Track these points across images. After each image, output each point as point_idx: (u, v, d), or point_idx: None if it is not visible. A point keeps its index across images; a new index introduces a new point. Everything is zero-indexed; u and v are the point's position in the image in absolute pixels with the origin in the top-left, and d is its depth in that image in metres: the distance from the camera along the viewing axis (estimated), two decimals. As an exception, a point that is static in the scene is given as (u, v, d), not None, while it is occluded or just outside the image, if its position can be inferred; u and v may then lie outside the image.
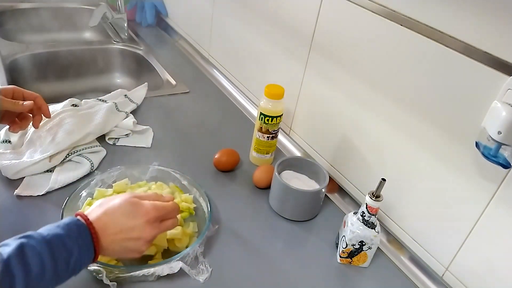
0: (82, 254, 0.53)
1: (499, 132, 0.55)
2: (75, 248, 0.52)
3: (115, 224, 0.57)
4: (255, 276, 0.69)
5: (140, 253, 0.60)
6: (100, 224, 0.56)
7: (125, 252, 0.59)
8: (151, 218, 0.59)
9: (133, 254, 0.60)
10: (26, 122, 0.79)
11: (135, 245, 0.58)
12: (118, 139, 0.95)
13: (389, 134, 0.76)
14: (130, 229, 0.57)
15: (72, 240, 0.52)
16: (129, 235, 0.57)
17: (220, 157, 0.90)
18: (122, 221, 0.57)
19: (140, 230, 0.58)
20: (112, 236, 0.56)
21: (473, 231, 0.65)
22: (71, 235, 0.52)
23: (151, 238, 0.60)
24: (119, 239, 0.57)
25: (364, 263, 0.74)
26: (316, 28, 0.88)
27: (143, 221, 0.59)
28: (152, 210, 0.60)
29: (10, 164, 0.77)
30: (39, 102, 0.79)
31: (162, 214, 0.61)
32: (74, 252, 0.52)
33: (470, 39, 0.60)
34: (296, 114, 1.01)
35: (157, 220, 0.61)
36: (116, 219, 0.57)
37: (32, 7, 1.53)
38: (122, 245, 0.57)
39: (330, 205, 0.88)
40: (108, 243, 0.56)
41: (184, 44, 1.51)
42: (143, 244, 0.59)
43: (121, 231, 0.57)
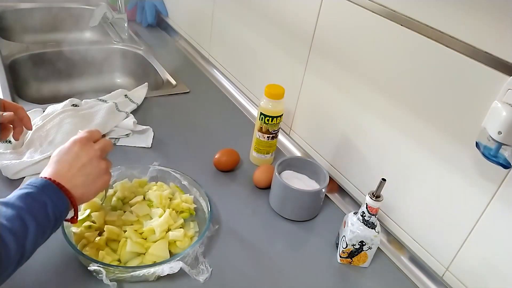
0: (55, 201, 0.55)
1: (500, 132, 0.55)
2: (46, 198, 0.54)
3: (62, 166, 0.59)
4: (255, 276, 0.69)
5: (105, 172, 0.63)
6: (53, 173, 0.58)
7: (92, 179, 0.61)
8: (83, 141, 0.62)
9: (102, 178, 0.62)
10: (6, 133, 0.77)
11: (92, 168, 0.61)
12: (118, 139, 0.95)
13: (390, 134, 0.76)
14: (75, 159, 0.60)
15: (40, 193, 0.54)
16: (79, 163, 0.60)
17: (220, 157, 0.90)
18: (64, 159, 0.60)
19: (83, 153, 0.61)
20: (68, 174, 0.58)
21: (473, 231, 0.65)
22: (37, 190, 0.54)
23: (99, 153, 0.63)
24: (75, 171, 0.59)
25: (364, 263, 0.74)
26: (317, 28, 0.88)
27: (78, 146, 0.61)
28: (78, 137, 0.63)
29: (10, 164, 0.77)
30: (20, 114, 0.77)
31: (88, 135, 0.64)
32: (47, 201, 0.54)
33: (470, 39, 0.60)
34: (296, 114, 1.01)
35: (88, 141, 0.63)
36: (59, 163, 0.59)
37: (32, 7, 1.53)
38: (83, 174, 0.60)
39: (330, 205, 0.88)
40: (71, 181, 0.58)
41: (184, 44, 1.51)
42: (97, 163, 0.62)
43: (70, 166, 0.59)
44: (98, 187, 0.63)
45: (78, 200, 0.59)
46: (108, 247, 0.67)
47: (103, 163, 0.63)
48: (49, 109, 0.96)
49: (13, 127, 0.77)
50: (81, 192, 0.59)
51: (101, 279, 0.61)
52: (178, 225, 0.71)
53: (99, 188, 0.63)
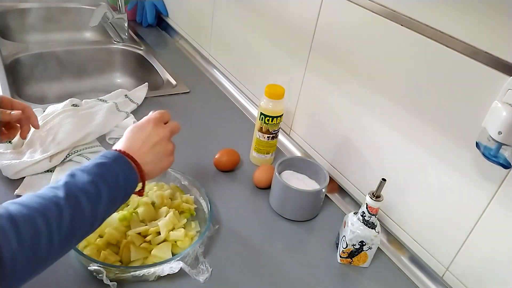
0: (127, 173, 0.58)
1: (500, 132, 0.55)
2: (118, 169, 0.57)
3: (135, 142, 0.63)
4: (255, 276, 0.69)
5: (171, 152, 0.67)
6: (126, 147, 0.61)
7: (159, 158, 0.65)
8: (156, 121, 0.66)
9: (167, 158, 0.66)
10: (13, 132, 0.77)
11: (162, 148, 0.65)
12: (118, 139, 0.94)
13: (390, 134, 0.76)
14: (148, 137, 0.64)
15: (113, 164, 0.57)
16: (151, 141, 0.64)
17: (220, 157, 0.90)
18: (138, 137, 0.64)
19: (155, 133, 0.65)
20: (140, 150, 0.62)
21: (473, 231, 0.65)
22: (110, 161, 0.57)
23: (168, 135, 0.67)
24: (147, 149, 0.63)
25: (364, 263, 0.74)
26: (317, 28, 0.88)
27: (151, 126, 0.65)
28: (151, 118, 0.67)
29: (10, 164, 0.77)
30: (28, 113, 0.77)
31: (159, 116, 0.68)
32: (119, 172, 0.57)
33: (470, 39, 0.60)
34: (296, 114, 1.01)
35: (160, 121, 0.67)
36: (133, 139, 0.63)
37: (32, 7, 1.53)
38: (153, 152, 0.63)
39: (330, 205, 0.88)
40: (141, 157, 0.61)
41: (185, 44, 1.51)
42: (166, 142, 0.66)
43: (143, 143, 0.63)
44: (164, 166, 0.67)
45: (146, 176, 0.62)
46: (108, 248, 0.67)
47: (170, 144, 0.67)
48: (49, 109, 0.96)
49: (20, 125, 0.77)
50: (150, 168, 0.63)
51: (101, 279, 0.61)
52: (181, 224, 0.71)
53: (165, 168, 0.67)
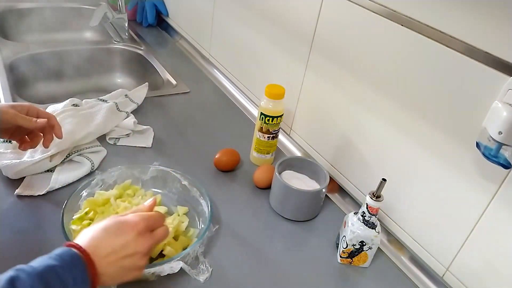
0: (78, 282, 0.49)
1: (500, 132, 0.55)
2: (70, 279, 0.48)
3: (105, 246, 0.53)
4: (255, 276, 0.69)
5: (140, 269, 0.57)
6: (91, 249, 0.52)
7: (124, 272, 0.55)
8: (141, 229, 0.57)
9: (133, 273, 0.57)
10: (36, 141, 0.77)
11: (132, 262, 0.55)
12: (118, 139, 0.95)
13: (390, 134, 0.76)
14: (122, 247, 0.54)
15: (66, 270, 0.49)
16: (123, 253, 0.54)
17: (220, 157, 0.90)
18: (112, 241, 0.54)
19: (133, 244, 0.55)
20: (106, 259, 0.53)
21: (473, 231, 0.65)
22: (64, 265, 0.49)
23: (146, 250, 0.57)
24: (114, 259, 0.53)
25: (364, 263, 0.74)
26: (317, 28, 0.88)
27: (134, 235, 0.55)
28: (140, 221, 0.57)
29: (10, 163, 0.77)
30: (52, 122, 0.77)
31: (150, 223, 0.58)
32: (69, 283, 0.48)
33: (471, 40, 0.60)
34: (296, 114, 1.01)
35: (147, 230, 0.58)
36: (106, 241, 0.54)
37: (33, 7, 1.53)
38: (119, 266, 0.54)
39: (331, 205, 0.88)
40: (104, 267, 0.52)
41: (185, 44, 1.51)
42: (140, 258, 0.56)
43: (113, 251, 0.53)
44: (124, 279, 0.57)
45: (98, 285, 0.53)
46: None
47: (143, 260, 0.57)
48: (50, 109, 0.96)
49: (43, 134, 0.77)
50: (106, 280, 0.54)
51: (102, 279, 0.61)
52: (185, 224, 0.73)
53: (124, 280, 0.57)
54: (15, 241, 0.68)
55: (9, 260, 0.63)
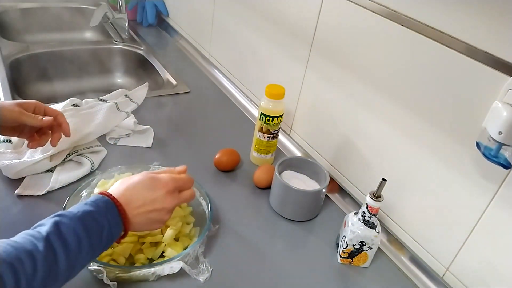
0: (112, 227, 0.56)
1: (500, 133, 0.55)
2: (105, 222, 0.55)
3: (137, 198, 0.59)
4: (256, 276, 0.69)
5: (163, 222, 0.63)
6: (124, 199, 0.58)
7: (149, 223, 0.61)
8: (171, 189, 0.62)
9: (157, 225, 0.63)
10: (45, 138, 0.77)
11: (158, 216, 0.61)
12: (118, 139, 0.95)
13: (390, 134, 0.76)
14: (152, 201, 0.60)
15: (102, 215, 0.55)
16: (152, 207, 0.60)
17: (220, 157, 0.90)
18: (144, 194, 0.60)
19: (161, 200, 0.61)
20: (136, 210, 0.59)
21: (473, 232, 0.65)
22: (100, 211, 0.55)
23: (172, 207, 0.63)
24: (143, 211, 0.59)
25: (364, 263, 0.74)
26: (317, 28, 0.88)
27: (163, 192, 0.61)
28: (171, 181, 0.63)
29: (11, 163, 0.77)
30: (60, 119, 0.77)
31: (179, 184, 0.64)
32: (105, 226, 0.55)
33: (471, 39, 0.60)
34: (296, 114, 1.01)
35: (176, 190, 0.64)
36: (138, 193, 0.60)
37: (32, 7, 1.53)
38: (146, 217, 0.60)
39: (331, 205, 0.88)
40: (134, 216, 0.58)
41: (185, 44, 1.51)
42: (165, 213, 0.62)
43: (144, 204, 0.59)
44: (149, 229, 0.64)
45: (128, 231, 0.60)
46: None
47: (167, 216, 0.63)
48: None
49: (52, 132, 0.77)
50: (135, 227, 0.60)
51: (102, 278, 0.61)
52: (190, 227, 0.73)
53: (150, 230, 0.65)
54: (15, 241, 0.67)
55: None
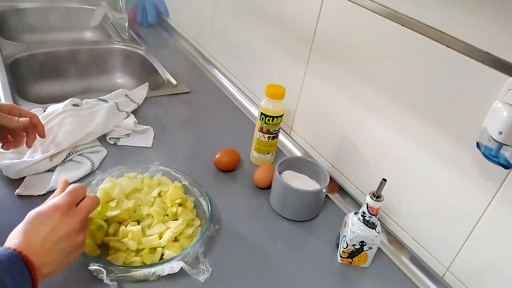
0: (17, 281, 0.48)
1: (500, 133, 0.55)
2: (8, 277, 0.47)
3: (36, 237, 0.52)
4: (256, 276, 0.69)
5: (81, 245, 0.57)
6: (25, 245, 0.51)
7: (66, 254, 0.55)
8: (64, 208, 0.55)
9: (76, 251, 0.56)
10: (19, 140, 0.77)
11: (69, 242, 0.55)
12: (118, 139, 0.95)
13: (390, 134, 0.76)
14: (52, 231, 0.53)
15: (3, 269, 0.48)
16: (56, 237, 0.53)
17: (220, 157, 0.90)
18: (40, 230, 0.53)
19: (62, 225, 0.54)
20: (41, 249, 0.52)
21: (474, 232, 0.65)
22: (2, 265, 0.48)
23: (79, 226, 0.56)
24: (49, 246, 0.52)
25: (364, 263, 0.74)
26: (317, 28, 0.88)
27: (58, 216, 0.54)
28: (59, 202, 0.56)
29: (11, 163, 0.77)
30: (35, 121, 0.77)
31: (70, 199, 0.57)
32: (7, 282, 0.47)
33: (471, 39, 0.60)
34: (296, 114, 1.01)
35: (70, 206, 0.56)
36: (34, 233, 0.53)
37: (33, 7, 1.53)
38: (57, 250, 0.53)
39: (331, 205, 0.88)
40: (43, 257, 0.52)
41: (185, 44, 1.51)
42: (75, 235, 0.55)
43: (46, 239, 0.53)
44: (70, 261, 0.56)
45: (44, 276, 0.52)
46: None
47: (81, 236, 0.57)
48: (50, 108, 0.96)
49: (26, 134, 0.77)
50: (49, 270, 0.53)
51: (102, 279, 0.61)
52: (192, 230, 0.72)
53: (70, 262, 0.56)
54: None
55: (9, 260, 0.63)
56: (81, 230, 0.57)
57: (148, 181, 0.79)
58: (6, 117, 0.72)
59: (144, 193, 0.75)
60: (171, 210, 0.72)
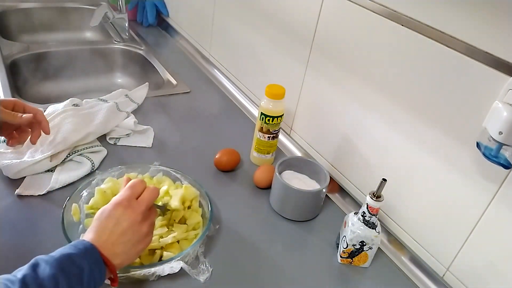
0: (93, 269, 0.52)
1: (500, 133, 0.55)
2: (85, 264, 0.52)
3: (102, 232, 0.56)
4: (256, 276, 0.69)
5: (148, 235, 0.60)
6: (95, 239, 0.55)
7: (133, 246, 0.58)
8: (125, 202, 0.58)
9: (144, 242, 0.59)
10: (24, 136, 0.77)
11: (134, 234, 0.58)
12: (119, 139, 0.95)
13: (390, 134, 0.76)
14: (116, 225, 0.57)
15: (81, 257, 0.52)
16: (120, 229, 0.57)
17: (220, 157, 0.90)
18: (104, 225, 0.57)
19: (124, 218, 0.57)
20: (108, 241, 0.56)
21: (474, 232, 0.65)
22: (79, 253, 0.52)
23: (142, 217, 0.59)
24: (115, 239, 0.56)
25: (364, 263, 0.74)
26: (317, 28, 0.88)
27: (121, 210, 0.58)
28: (119, 196, 0.59)
29: (11, 163, 0.77)
30: (39, 117, 0.76)
31: (131, 193, 0.60)
32: (85, 268, 0.51)
33: (471, 39, 0.60)
34: (296, 114, 1.01)
35: (131, 200, 0.59)
36: (100, 229, 0.56)
37: (33, 7, 1.53)
38: (124, 242, 0.57)
39: (331, 205, 0.88)
40: (110, 249, 0.55)
41: (185, 44, 1.51)
42: (139, 226, 0.58)
43: (110, 233, 0.56)
44: (139, 251, 0.59)
45: (117, 267, 0.56)
46: None
47: (144, 226, 0.59)
48: (50, 108, 0.96)
49: (31, 130, 0.77)
50: (121, 260, 0.56)
51: (102, 278, 0.61)
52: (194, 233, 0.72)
53: (139, 252, 0.60)
54: (15, 241, 0.68)
55: (10, 260, 0.64)
56: (144, 221, 0.59)
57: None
58: (9, 113, 0.72)
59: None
60: (178, 214, 0.72)
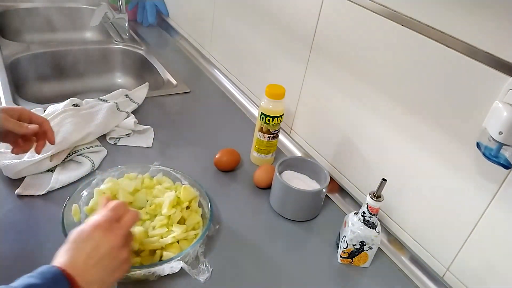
0: None
1: (500, 133, 0.55)
2: None
3: (79, 255, 0.52)
4: (256, 276, 0.69)
5: (126, 261, 0.56)
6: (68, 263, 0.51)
7: (111, 271, 0.54)
8: (105, 225, 0.55)
9: (122, 268, 0.55)
10: (29, 145, 0.75)
11: (112, 259, 0.54)
12: (119, 139, 0.95)
13: (390, 134, 0.76)
14: (94, 249, 0.52)
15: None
16: (98, 254, 0.52)
17: (220, 157, 0.90)
18: (83, 248, 0.52)
19: (104, 242, 0.53)
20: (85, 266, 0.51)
21: (474, 232, 0.65)
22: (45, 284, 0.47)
23: (121, 242, 0.55)
24: (92, 264, 0.52)
25: (364, 263, 0.74)
26: (317, 28, 0.88)
27: (100, 233, 0.54)
28: (100, 219, 0.55)
29: (11, 163, 0.77)
30: (45, 127, 0.75)
31: (112, 215, 0.56)
32: None
33: (471, 40, 0.60)
34: (297, 114, 1.01)
35: (111, 223, 0.56)
36: (77, 251, 0.52)
37: (33, 7, 1.53)
38: (101, 267, 0.52)
39: (331, 205, 0.88)
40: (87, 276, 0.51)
41: (185, 44, 1.51)
42: (118, 252, 0.54)
43: (88, 256, 0.52)
44: (116, 278, 0.55)
45: None
46: None
47: (124, 251, 0.55)
48: (50, 108, 0.96)
49: (37, 139, 0.76)
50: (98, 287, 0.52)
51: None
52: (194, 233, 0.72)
53: (116, 279, 0.55)
54: (15, 241, 0.67)
55: (10, 260, 0.64)
56: (124, 246, 0.56)
57: (148, 181, 0.78)
58: (14, 123, 0.71)
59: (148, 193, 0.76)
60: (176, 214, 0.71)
